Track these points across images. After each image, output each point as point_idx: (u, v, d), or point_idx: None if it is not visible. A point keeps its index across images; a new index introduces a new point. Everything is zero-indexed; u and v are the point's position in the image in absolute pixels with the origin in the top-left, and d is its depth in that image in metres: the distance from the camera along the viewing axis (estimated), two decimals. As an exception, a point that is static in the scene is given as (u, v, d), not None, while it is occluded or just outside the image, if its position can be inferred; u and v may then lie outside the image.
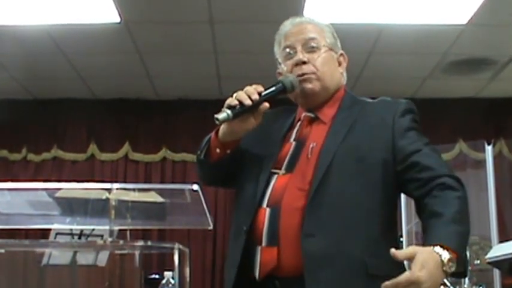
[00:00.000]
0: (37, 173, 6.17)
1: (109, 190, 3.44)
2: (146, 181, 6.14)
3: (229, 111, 1.71)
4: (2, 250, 3.56)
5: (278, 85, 1.80)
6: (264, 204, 1.73)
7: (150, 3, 4.50)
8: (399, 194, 1.82)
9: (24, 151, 6.25)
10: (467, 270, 1.65)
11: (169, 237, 5.63)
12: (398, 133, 1.75)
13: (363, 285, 1.62)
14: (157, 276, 4.86)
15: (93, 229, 3.96)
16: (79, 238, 3.99)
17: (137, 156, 6.26)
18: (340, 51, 1.93)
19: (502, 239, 4.28)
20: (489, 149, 4.67)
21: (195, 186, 3.26)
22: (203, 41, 5.05)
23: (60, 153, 6.23)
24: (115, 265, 3.94)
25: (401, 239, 4.89)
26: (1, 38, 4.88)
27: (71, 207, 3.64)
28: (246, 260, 1.71)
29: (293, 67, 1.84)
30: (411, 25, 4.76)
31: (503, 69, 5.57)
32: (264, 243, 1.69)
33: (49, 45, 5.05)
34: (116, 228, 3.51)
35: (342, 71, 1.93)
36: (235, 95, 1.74)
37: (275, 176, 1.76)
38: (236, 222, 1.80)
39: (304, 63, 1.83)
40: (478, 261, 4.45)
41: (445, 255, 1.50)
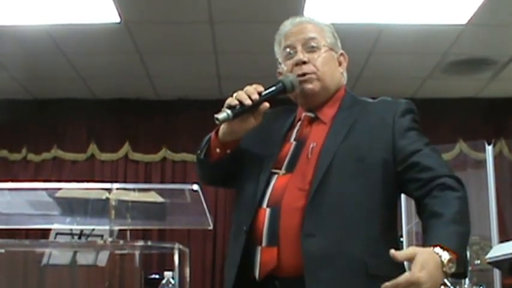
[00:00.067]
0: (37, 173, 6.17)
1: (109, 190, 3.44)
2: (146, 181, 6.14)
3: (229, 111, 1.70)
4: (2, 250, 3.56)
5: (278, 85, 1.80)
6: (264, 204, 1.73)
7: (150, 3, 4.50)
8: (399, 194, 1.82)
9: (24, 151, 6.25)
10: (467, 270, 1.64)
11: (169, 237, 5.63)
12: (398, 133, 1.75)
13: (363, 285, 1.62)
14: (157, 276, 4.86)
15: (93, 229, 3.96)
16: (79, 238, 3.99)
17: (137, 156, 6.26)
18: (340, 51, 1.93)
19: (502, 239, 4.29)
20: (489, 149, 4.67)
21: (195, 186, 3.26)
22: (203, 41, 5.05)
23: (60, 153, 6.23)
24: (115, 265, 3.93)
25: (401, 239, 4.89)
26: (1, 38, 4.88)
27: (71, 207, 3.64)
28: (246, 260, 1.71)
29: (293, 67, 1.84)
30: (411, 25, 4.75)
31: (503, 69, 5.57)
32: (264, 243, 1.69)
33: (49, 45, 5.05)
34: (116, 228, 3.50)
35: (342, 71, 1.92)
36: (235, 95, 1.74)
37: (275, 176, 1.76)
38: (236, 222, 1.80)
39: (304, 63, 1.83)
40: (478, 261, 4.45)
41: (445, 255, 1.50)
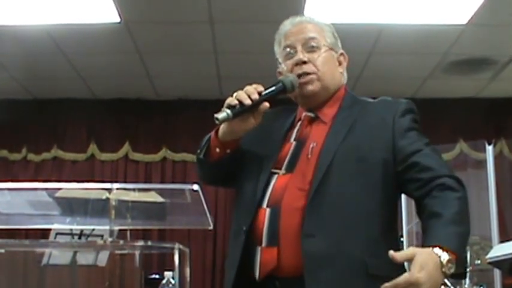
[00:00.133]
0: (37, 173, 6.17)
1: (109, 190, 3.44)
2: (146, 181, 6.14)
3: (229, 110, 1.70)
4: (2, 250, 3.56)
5: (278, 85, 1.80)
6: (264, 204, 1.73)
7: (150, 3, 4.50)
8: (399, 194, 1.82)
9: (24, 151, 6.25)
10: (466, 271, 1.64)
11: (169, 237, 5.63)
12: (398, 133, 1.75)
13: (363, 285, 1.62)
14: (157, 276, 4.86)
15: (93, 229, 3.96)
16: (79, 238, 3.99)
17: (137, 156, 6.26)
18: (340, 50, 1.93)
19: (503, 239, 4.28)
20: (490, 149, 4.67)
21: (195, 186, 3.26)
22: (203, 41, 5.05)
23: (60, 153, 6.23)
24: (115, 265, 3.94)
25: (401, 239, 4.88)
26: (1, 38, 4.88)
27: (71, 207, 3.64)
28: (246, 260, 1.71)
29: (293, 67, 1.84)
30: (411, 25, 4.75)
31: (503, 69, 5.57)
32: (264, 243, 1.69)
33: (49, 45, 5.05)
34: (116, 228, 3.50)
35: (342, 71, 1.92)
36: (235, 95, 1.73)
37: (275, 176, 1.76)
38: (236, 222, 1.80)
39: (304, 62, 1.83)
40: (479, 261, 4.44)
41: (444, 256, 1.50)
